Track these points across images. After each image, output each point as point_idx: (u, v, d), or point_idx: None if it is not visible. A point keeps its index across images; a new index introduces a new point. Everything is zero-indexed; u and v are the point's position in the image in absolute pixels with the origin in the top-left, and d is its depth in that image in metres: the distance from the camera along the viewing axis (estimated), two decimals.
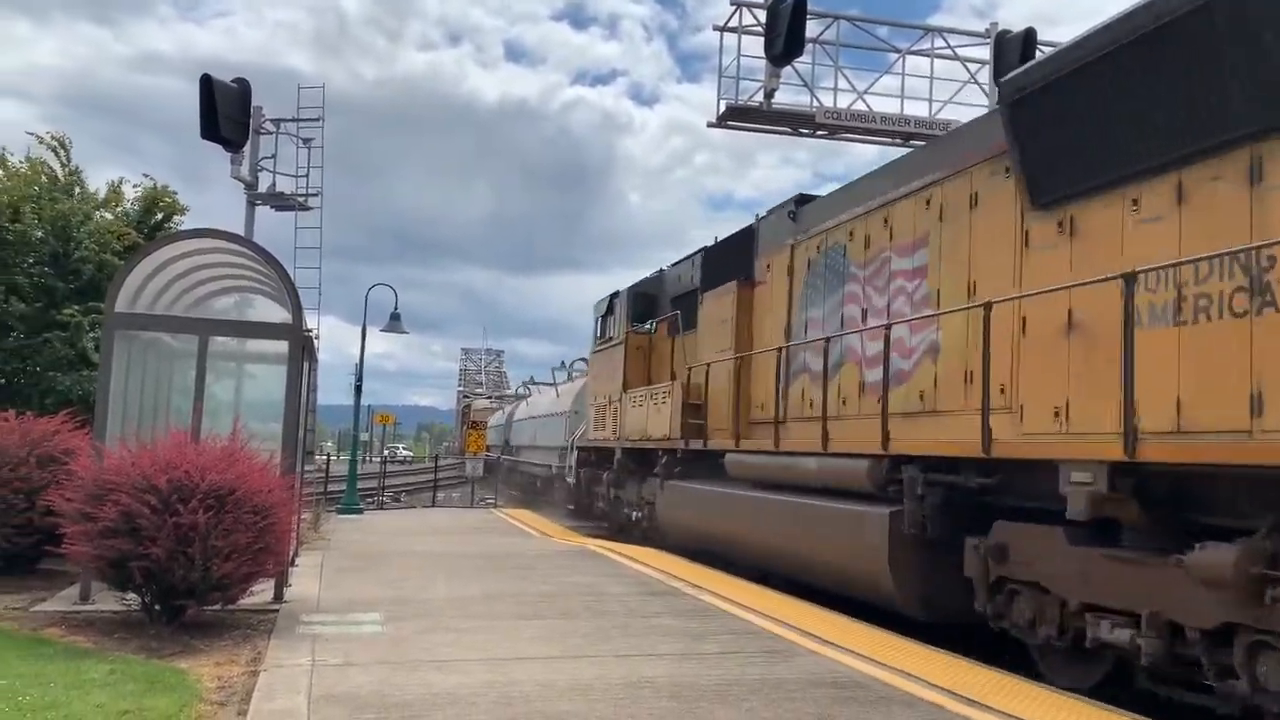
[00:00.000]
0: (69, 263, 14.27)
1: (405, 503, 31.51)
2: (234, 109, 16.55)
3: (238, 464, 8.28)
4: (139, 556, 7.53)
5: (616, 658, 7.29)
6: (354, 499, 23.38)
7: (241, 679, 6.58)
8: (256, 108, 17.17)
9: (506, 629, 8.36)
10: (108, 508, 7.62)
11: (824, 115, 16.94)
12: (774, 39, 16.11)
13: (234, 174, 16.99)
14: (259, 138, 17.40)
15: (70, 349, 13.83)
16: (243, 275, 11.32)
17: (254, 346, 12.14)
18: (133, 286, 9.92)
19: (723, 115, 17.09)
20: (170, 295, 10.89)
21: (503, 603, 9.73)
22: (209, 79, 16.17)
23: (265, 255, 10.43)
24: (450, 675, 6.61)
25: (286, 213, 18.17)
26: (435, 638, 7.89)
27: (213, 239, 10.54)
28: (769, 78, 16.73)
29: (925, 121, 17.23)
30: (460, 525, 19.71)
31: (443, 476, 38.10)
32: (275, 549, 8.45)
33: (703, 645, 7.82)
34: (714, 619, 9.08)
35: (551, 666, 6.95)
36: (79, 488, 8.09)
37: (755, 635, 8.33)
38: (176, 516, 7.56)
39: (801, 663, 7.27)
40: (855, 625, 8.98)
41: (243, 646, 7.58)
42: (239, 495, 7.96)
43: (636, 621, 8.82)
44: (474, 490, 32.08)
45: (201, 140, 16.39)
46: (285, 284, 10.30)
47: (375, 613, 8.94)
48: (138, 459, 8.08)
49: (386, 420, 56.03)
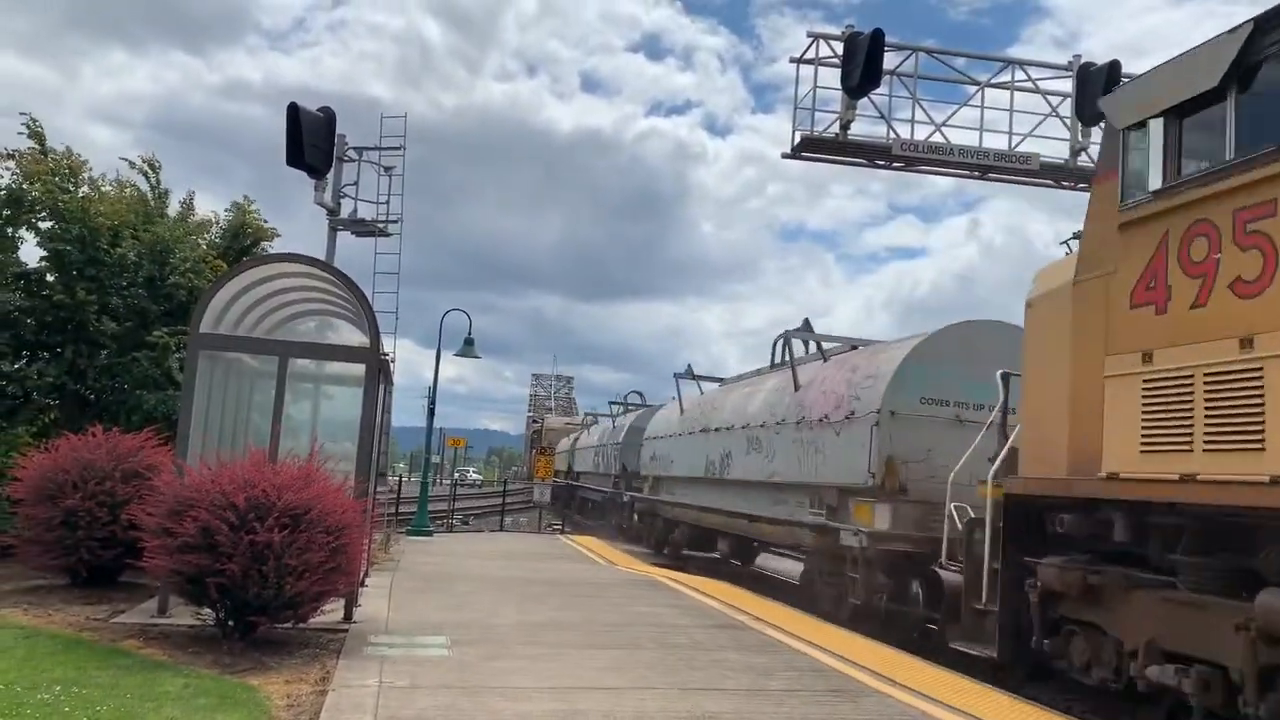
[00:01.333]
0: (163, 286, 14.72)
1: (473, 526, 31.74)
2: (319, 137, 16.96)
3: (314, 484, 8.42)
4: (215, 572, 7.69)
5: (681, 691, 7.23)
6: (424, 521, 23.62)
7: (310, 697, 6.66)
8: (340, 136, 17.57)
9: (572, 657, 8.35)
10: (187, 523, 7.80)
11: (900, 147, 16.78)
12: (851, 70, 16.04)
13: (317, 200, 17.38)
14: (342, 165, 17.79)
15: (157, 369, 14.23)
16: (323, 299, 11.56)
17: (332, 368, 12.37)
18: (217, 308, 10.20)
19: (797, 146, 17.03)
20: (253, 317, 11.17)
21: (569, 631, 9.72)
22: (296, 108, 16.61)
23: (345, 280, 10.65)
24: (515, 702, 6.62)
25: (366, 238, 18.52)
26: (501, 664, 7.91)
27: (295, 263, 10.81)
28: (845, 109, 16.65)
29: (1004, 154, 16.98)
30: (527, 550, 19.78)
31: (511, 501, 38.34)
32: (347, 569, 8.56)
33: (768, 682, 7.72)
34: (779, 654, 8.96)
35: (616, 697, 6.92)
36: (160, 503, 8.31)
37: (822, 673, 8.19)
38: (252, 534, 7.71)
39: (869, 704, 7.13)
40: (924, 665, 8.78)
41: (312, 665, 7.69)
42: (314, 515, 8.09)
43: (701, 655, 8.74)
44: (541, 516, 32.19)
45: (286, 167, 16.83)
46: (364, 308, 10.50)
47: (442, 636, 9.00)
48: (217, 477, 8.26)
49: (458, 443, 56.61)
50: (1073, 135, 17.00)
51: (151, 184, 16.65)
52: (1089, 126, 16.85)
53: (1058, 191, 18.35)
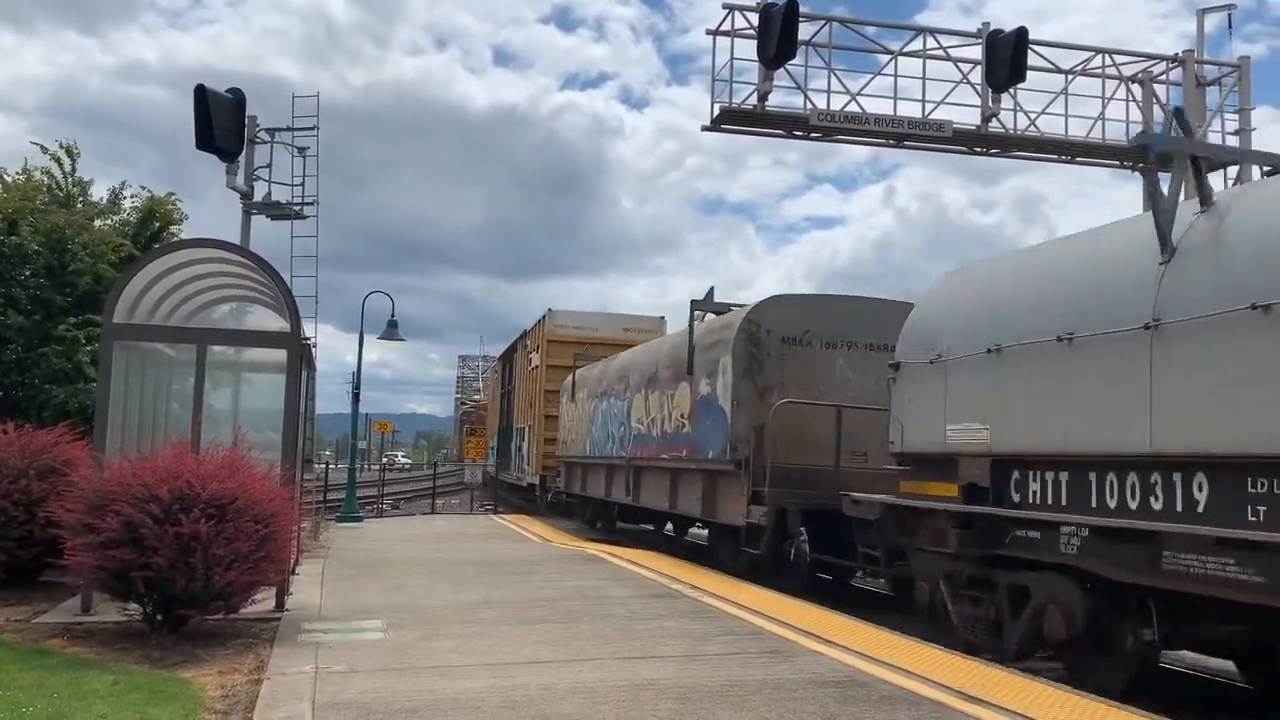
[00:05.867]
0: (64, 275, 14.27)
1: (405, 510, 31.49)
2: (229, 119, 16.55)
3: (239, 473, 8.29)
4: (141, 566, 7.53)
5: (619, 660, 7.31)
6: (353, 507, 23.36)
7: (245, 688, 6.58)
8: (251, 117, 17.17)
9: (509, 634, 8.38)
10: (109, 518, 7.62)
11: (818, 118, 16.97)
12: (767, 42, 16.17)
13: (229, 184, 16.97)
14: (254, 147, 17.40)
15: (67, 362, 13.83)
16: (240, 284, 11.33)
17: (252, 355, 12.13)
18: (130, 297, 9.93)
19: (717, 119, 17.11)
20: (168, 305, 10.90)
21: (505, 608, 9.74)
22: (204, 89, 16.17)
23: (263, 264, 10.44)
24: (454, 680, 6.62)
25: (282, 221, 18.17)
26: (438, 644, 7.90)
27: (210, 248, 10.56)
28: (762, 81, 16.79)
29: (918, 122, 17.28)
30: (460, 532, 19.70)
31: (441, 484, 38.07)
32: (277, 557, 8.46)
33: (705, 647, 7.84)
34: (715, 620, 9.10)
35: (555, 670, 6.97)
36: (79, 499, 8.10)
37: (757, 636, 8.35)
38: (178, 526, 7.56)
39: (804, 663, 7.29)
40: (858, 624, 9.00)
41: (245, 655, 7.59)
42: (240, 504, 7.96)
43: (638, 624, 8.83)
44: (473, 497, 32.02)
45: (196, 151, 16.40)
46: (283, 292, 10.31)
47: (377, 620, 8.94)
48: (139, 469, 8.08)
49: (385, 428, 55.98)
50: (983, 101, 17.36)
51: (65, 171, 16.10)
52: (999, 93, 17.22)
53: (970, 157, 18.77)
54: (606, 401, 19.89)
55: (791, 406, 12.62)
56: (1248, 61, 18.31)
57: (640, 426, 17.32)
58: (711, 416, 13.85)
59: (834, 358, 13.42)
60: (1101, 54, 18.15)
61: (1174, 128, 7.75)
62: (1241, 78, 18.08)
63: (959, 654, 7.79)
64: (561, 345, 25.78)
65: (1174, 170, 7.26)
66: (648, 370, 17.34)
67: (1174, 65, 18.22)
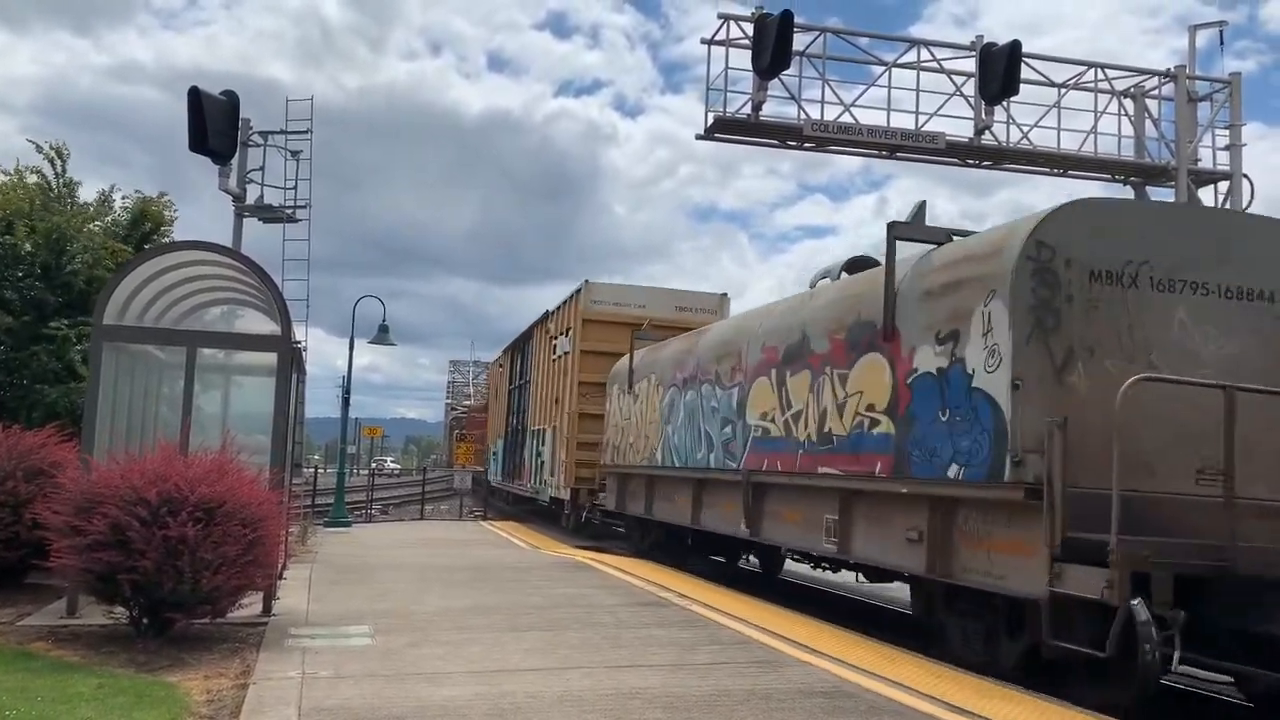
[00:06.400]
0: (59, 275, 14.23)
1: (393, 515, 31.40)
2: (222, 122, 16.52)
3: (227, 476, 8.26)
4: (128, 569, 7.50)
5: (607, 669, 7.29)
6: (342, 511, 23.30)
7: (231, 692, 6.55)
8: (244, 120, 17.14)
9: (497, 641, 8.35)
10: (96, 520, 7.58)
11: (811, 128, 17.02)
12: (761, 52, 16.22)
13: (222, 186, 16.93)
14: (247, 150, 17.37)
15: (57, 361, 13.78)
16: (231, 287, 11.30)
17: (242, 358, 12.10)
18: (121, 298, 9.91)
19: (710, 128, 17.15)
20: (159, 307, 10.87)
21: (493, 615, 9.72)
22: (198, 91, 16.14)
23: (254, 267, 10.42)
24: (441, 687, 6.60)
25: (274, 224, 18.14)
26: (426, 650, 7.87)
27: (201, 251, 10.53)
28: (756, 90, 16.83)
29: (911, 133, 17.33)
30: (449, 538, 19.66)
31: (431, 489, 37.98)
32: (264, 562, 8.42)
33: (693, 656, 7.83)
34: (703, 629, 9.09)
35: (543, 678, 6.95)
36: (66, 500, 8.06)
37: (745, 645, 8.34)
38: (166, 529, 7.53)
39: (791, 673, 7.28)
40: (845, 635, 9.00)
41: (231, 659, 7.56)
42: (228, 508, 7.94)
43: (626, 633, 8.82)
44: (462, 503, 31.96)
45: (189, 152, 16.36)
46: (274, 296, 10.29)
47: (365, 625, 8.92)
48: (127, 471, 8.05)
49: (374, 433, 55.92)
50: (976, 114, 17.42)
51: (57, 171, 16.06)
52: (992, 105, 17.29)
53: (962, 169, 18.85)
54: (693, 391, 14.83)
55: (1146, 388, 7.09)
56: (1239, 78, 18.47)
57: (767, 424, 12.13)
58: (951, 406, 8.43)
59: (1172, 306, 7.97)
60: (1094, 68, 18.25)
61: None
62: (1233, 94, 18.21)
63: (949, 666, 7.79)
64: (603, 326, 21.36)
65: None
66: (784, 339, 11.95)
67: (1166, 80, 18.32)
